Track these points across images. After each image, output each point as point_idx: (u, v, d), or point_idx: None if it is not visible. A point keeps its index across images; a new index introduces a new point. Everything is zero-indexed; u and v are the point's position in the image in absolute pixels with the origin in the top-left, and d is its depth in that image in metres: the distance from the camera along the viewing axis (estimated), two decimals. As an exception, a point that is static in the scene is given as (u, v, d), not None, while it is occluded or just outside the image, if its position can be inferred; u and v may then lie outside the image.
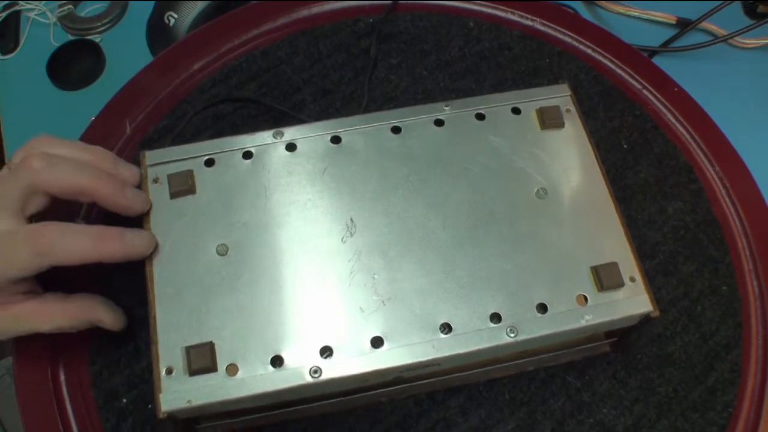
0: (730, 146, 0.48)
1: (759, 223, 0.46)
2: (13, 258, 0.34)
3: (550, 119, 0.40)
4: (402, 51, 0.52)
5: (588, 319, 0.35)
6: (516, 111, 0.41)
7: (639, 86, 0.51)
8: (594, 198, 0.38)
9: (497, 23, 0.53)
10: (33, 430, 0.39)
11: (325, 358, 0.34)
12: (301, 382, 0.33)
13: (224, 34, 0.52)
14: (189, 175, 0.38)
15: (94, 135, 0.48)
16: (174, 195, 0.38)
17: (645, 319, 0.36)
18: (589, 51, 0.52)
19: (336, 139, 0.40)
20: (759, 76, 0.57)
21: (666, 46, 0.58)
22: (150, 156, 0.39)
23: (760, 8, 0.60)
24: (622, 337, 0.40)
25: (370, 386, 0.37)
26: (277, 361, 0.34)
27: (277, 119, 0.48)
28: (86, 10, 0.60)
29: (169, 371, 0.33)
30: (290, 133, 0.40)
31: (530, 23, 0.53)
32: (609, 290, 0.35)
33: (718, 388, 0.41)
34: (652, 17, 0.60)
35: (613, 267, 0.36)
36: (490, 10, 0.54)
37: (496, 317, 0.35)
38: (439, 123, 0.40)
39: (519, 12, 0.54)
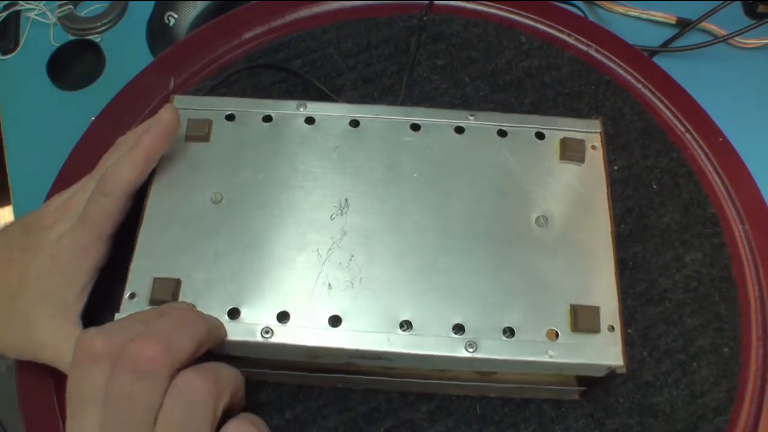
0: (766, 208, 0.46)
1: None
2: None
3: (570, 151, 0.39)
4: (449, 54, 0.52)
5: (552, 355, 0.34)
6: (540, 136, 0.40)
7: (683, 129, 0.49)
8: (594, 239, 0.37)
9: (551, 42, 0.52)
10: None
11: (281, 322, 0.34)
12: (250, 338, 0.34)
13: (280, 10, 0.53)
14: (207, 123, 0.40)
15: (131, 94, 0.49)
16: (188, 138, 0.39)
17: (612, 374, 0.35)
18: (639, 86, 0.51)
19: (355, 123, 0.40)
20: (759, 76, 0.57)
21: (666, 46, 0.57)
22: (178, 100, 0.41)
23: (760, 8, 0.59)
24: (591, 387, 0.38)
25: (325, 367, 0.37)
26: (234, 313, 0.35)
27: (313, 98, 0.49)
28: (86, 10, 0.60)
29: (132, 296, 0.35)
30: (313, 107, 0.41)
31: (585, 48, 0.52)
32: (583, 333, 0.34)
33: (697, 450, 0.39)
34: (652, 17, 0.59)
35: (593, 311, 0.35)
36: (546, 29, 0.53)
37: (459, 329, 0.34)
38: (459, 130, 0.40)
39: (576, 35, 0.53)
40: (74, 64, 0.58)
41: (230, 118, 0.40)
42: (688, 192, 0.46)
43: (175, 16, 0.57)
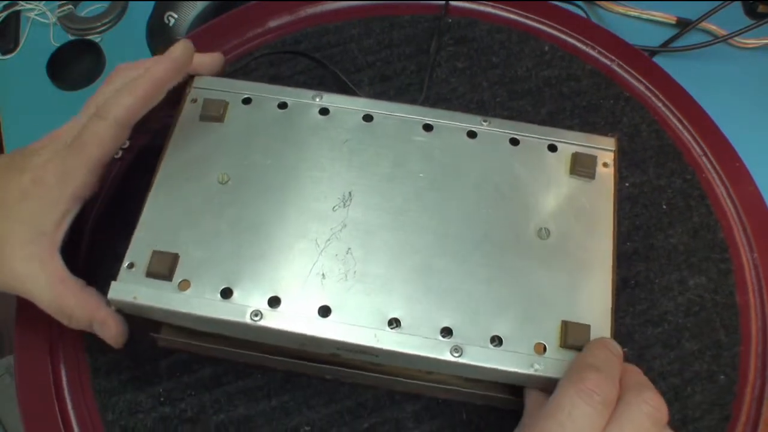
0: (779, 237, 0.45)
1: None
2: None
3: (581, 167, 0.39)
4: (470, 57, 0.52)
5: (537, 368, 0.33)
6: (552, 148, 0.40)
7: (700, 151, 0.48)
8: (594, 258, 0.37)
9: (573, 53, 0.52)
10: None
11: (272, 307, 0.34)
12: (239, 319, 0.34)
13: (296, 6, 0.54)
14: (223, 105, 0.40)
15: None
16: (203, 118, 0.40)
17: None
18: (659, 104, 0.50)
19: (368, 118, 0.40)
20: (759, 76, 0.57)
21: (666, 46, 0.57)
22: (198, 80, 0.42)
23: (760, 8, 0.59)
24: None
25: (311, 356, 0.37)
26: (227, 293, 0.35)
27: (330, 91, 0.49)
28: (86, 10, 0.60)
29: (131, 266, 0.35)
30: (329, 99, 0.41)
31: (607, 62, 0.52)
32: (571, 349, 0.34)
33: (684, 476, 0.39)
34: (652, 17, 0.59)
35: (583, 328, 0.34)
36: (571, 40, 0.53)
37: (447, 332, 0.34)
38: (471, 134, 0.40)
39: (600, 48, 0.52)
40: (74, 64, 0.58)
41: (247, 101, 0.41)
42: (699, 215, 0.46)
43: (175, 16, 0.57)
